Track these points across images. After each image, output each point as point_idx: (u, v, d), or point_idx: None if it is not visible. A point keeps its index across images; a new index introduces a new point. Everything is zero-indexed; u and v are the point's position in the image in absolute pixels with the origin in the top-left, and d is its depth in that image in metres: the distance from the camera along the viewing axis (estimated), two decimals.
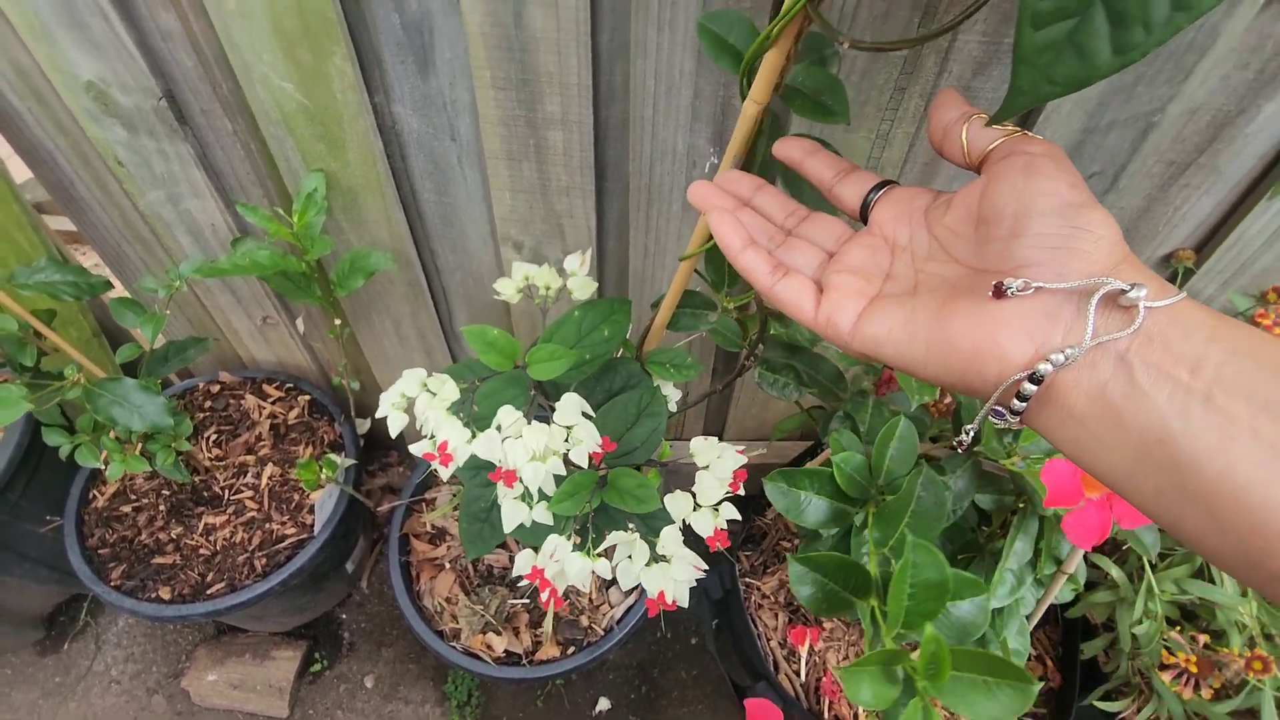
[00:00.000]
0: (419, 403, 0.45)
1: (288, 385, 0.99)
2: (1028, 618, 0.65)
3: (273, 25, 0.60)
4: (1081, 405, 0.27)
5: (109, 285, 0.63)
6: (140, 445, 0.73)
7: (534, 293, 0.55)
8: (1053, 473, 0.38)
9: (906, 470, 0.48)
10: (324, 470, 0.79)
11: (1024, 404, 0.28)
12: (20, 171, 0.87)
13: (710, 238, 0.48)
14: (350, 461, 0.89)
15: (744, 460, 0.50)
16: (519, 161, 0.68)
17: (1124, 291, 0.26)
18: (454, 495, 0.92)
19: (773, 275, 0.35)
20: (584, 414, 0.46)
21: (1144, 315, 0.26)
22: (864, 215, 0.36)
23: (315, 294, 0.73)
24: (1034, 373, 0.27)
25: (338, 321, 0.80)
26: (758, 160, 0.39)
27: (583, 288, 0.54)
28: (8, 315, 0.56)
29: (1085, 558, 0.71)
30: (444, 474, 0.43)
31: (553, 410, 0.47)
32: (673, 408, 0.63)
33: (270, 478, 0.90)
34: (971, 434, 0.31)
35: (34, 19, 0.62)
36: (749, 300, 0.54)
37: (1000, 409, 0.29)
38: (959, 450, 0.35)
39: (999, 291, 0.28)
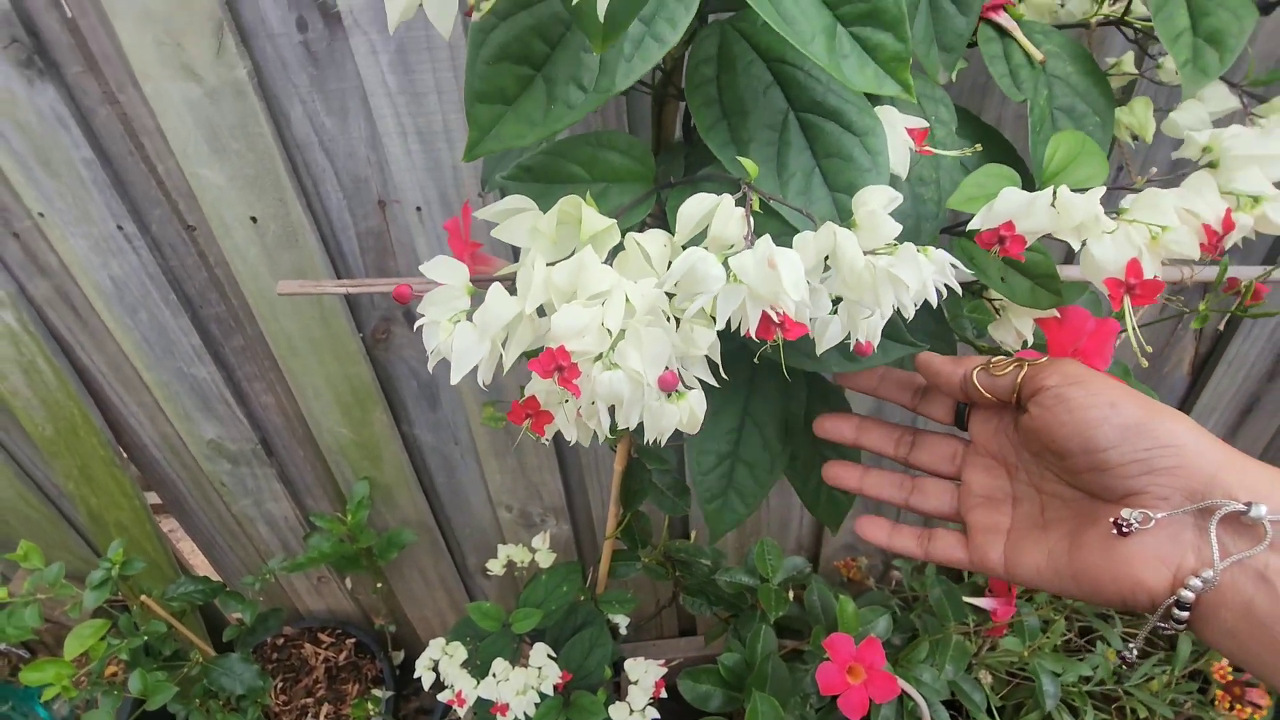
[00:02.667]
0: (441, 664, 0.69)
1: (337, 630, 1.22)
2: None
3: (335, 398, 0.92)
4: (1231, 622, 0.27)
5: (224, 587, 0.89)
6: (231, 701, 0.95)
7: (514, 567, 0.81)
8: (824, 674, 0.60)
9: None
10: (370, 705, 1.00)
11: (1182, 625, 0.28)
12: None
13: (621, 523, 0.75)
14: (389, 694, 1.10)
15: (663, 672, 0.72)
16: (503, 455, 0.98)
17: (1242, 513, 0.26)
18: (475, 715, 1.11)
19: (921, 545, 0.37)
20: (549, 656, 0.70)
21: (1272, 531, 0.26)
22: (959, 422, 0.38)
23: (362, 565, 0.99)
24: (1178, 599, 0.27)
25: (379, 585, 1.05)
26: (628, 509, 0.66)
27: (546, 559, 0.80)
28: (158, 620, 0.82)
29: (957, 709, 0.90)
30: (461, 713, 0.67)
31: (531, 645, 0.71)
32: (624, 630, 0.87)
33: (326, 715, 1.11)
34: (1134, 652, 0.33)
35: (179, 407, 0.95)
36: (661, 554, 0.80)
37: (1163, 625, 0.29)
38: (1124, 665, 0.39)
39: (1121, 530, 0.29)
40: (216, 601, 0.95)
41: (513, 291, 0.24)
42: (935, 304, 0.25)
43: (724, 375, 0.26)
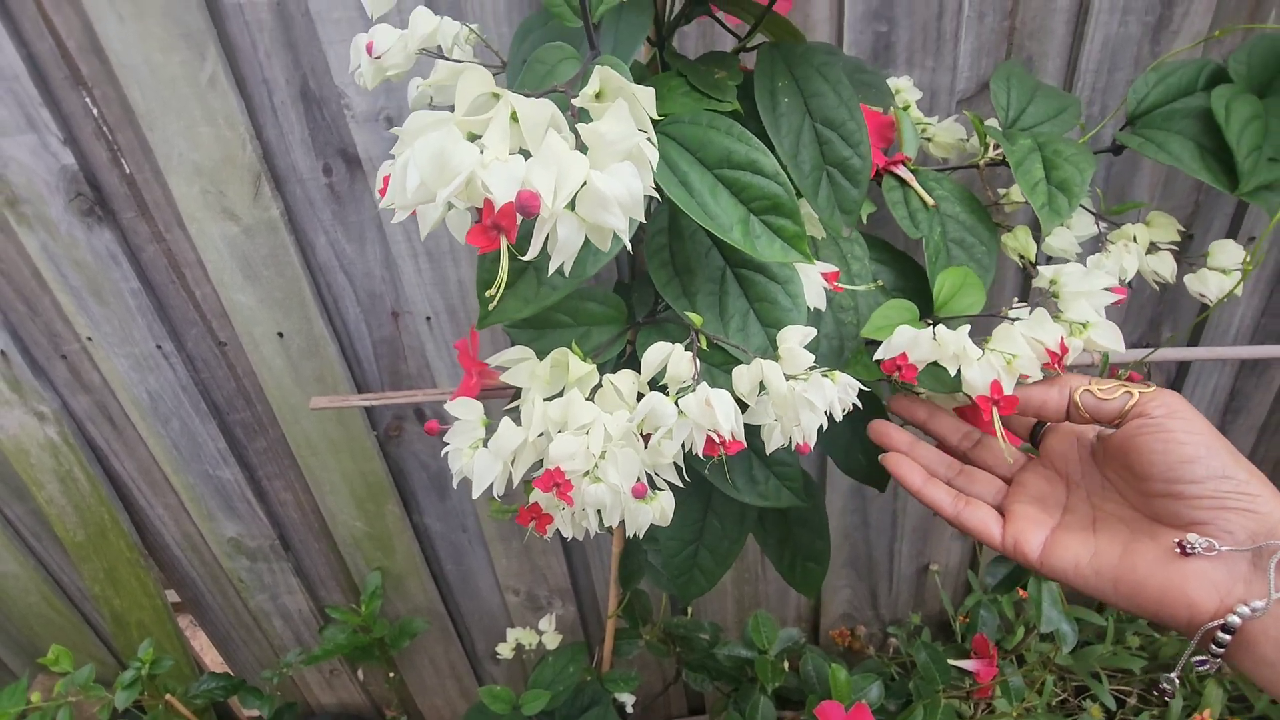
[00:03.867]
0: None
1: None
2: None
3: (350, 493, 0.98)
4: (1272, 653, 0.29)
5: (244, 683, 0.92)
6: None
7: (523, 650, 0.85)
8: None
9: None
10: None
11: (1221, 649, 0.31)
12: None
13: (621, 602, 0.79)
14: None
15: None
16: (509, 540, 1.02)
17: None
18: None
19: (955, 505, 0.39)
20: None
21: None
22: (1033, 439, 0.41)
23: (375, 656, 1.02)
24: (1225, 623, 0.30)
25: (392, 675, 1.08)
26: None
27: (552, 641, 0.84)
28: (180, 718, 0.85)
29: None
30: None
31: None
32: (630, 709, 0.90)
33: None
34: (1175, 682, 0.34)
35: (203, 508, 1.01)
36: (661, 630, 0.84)
37: (1202, 656, 0.32)
38: (1166, 699, 0.38)
39: (1184, 550, 0.31)
40: (241, 703, 0.98)
41: (518, 421, 0.31)
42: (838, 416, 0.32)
43: (686, 478, 0.33)
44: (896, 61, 0.66)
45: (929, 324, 0.34)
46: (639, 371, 0.31)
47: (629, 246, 0.24)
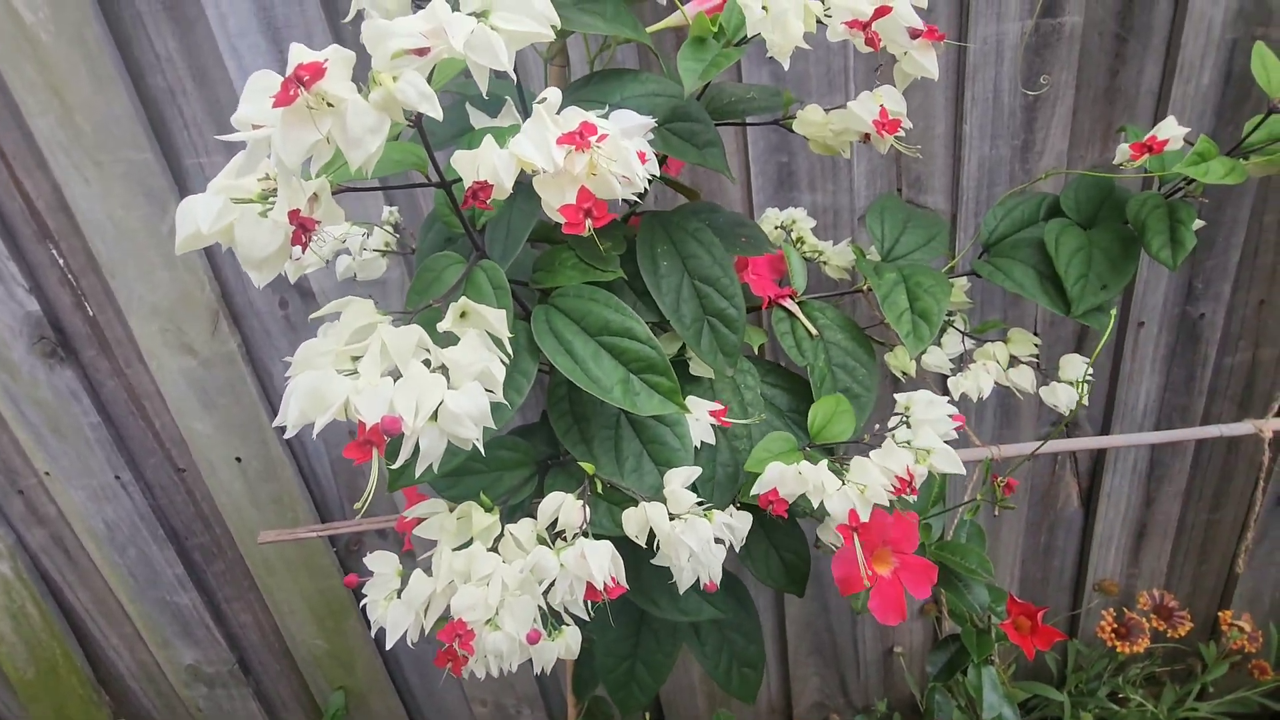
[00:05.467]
0: None
1: None
2: None
3: (310, 612, 0.97)
4: None
5: None
6: None
7: None
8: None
9: None
10: None
11: None
12: None
13: (581, 710, 0.79)
14: None
15: None
16: None
17: None
18: None
19: None
20: None
21: None
22: None
23: None
24: None
25: None
26: None
27: None
28: None
29: None
30: None
31: None
32: None
33: None
34: None
35: (159, 635, 0.99)
36: None
37: None
38: None
39: None
40: None
41: (428, 572, 0.34)
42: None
43: (591, 614, 0.36)
44: (800, 186, 0.74)
45: (806, 451, 0.38)
46: None
47: (481, 450, 0.28)
